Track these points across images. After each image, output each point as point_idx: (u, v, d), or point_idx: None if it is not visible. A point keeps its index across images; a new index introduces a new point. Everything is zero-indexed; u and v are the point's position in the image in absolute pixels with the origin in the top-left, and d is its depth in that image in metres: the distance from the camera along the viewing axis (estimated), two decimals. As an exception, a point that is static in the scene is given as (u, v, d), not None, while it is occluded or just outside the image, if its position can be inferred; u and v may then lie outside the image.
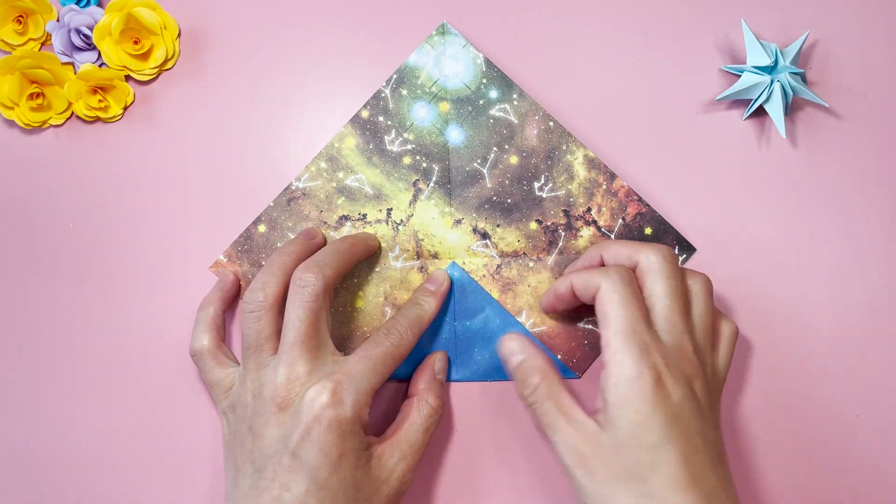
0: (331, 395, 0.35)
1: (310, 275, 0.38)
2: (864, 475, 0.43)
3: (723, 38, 0.46)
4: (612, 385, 0.35)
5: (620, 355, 0.35)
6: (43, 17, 0.45)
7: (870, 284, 0.44)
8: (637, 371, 0.34)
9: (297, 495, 0.35)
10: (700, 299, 0.38)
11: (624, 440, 0.34)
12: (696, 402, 0.35)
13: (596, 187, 0.44)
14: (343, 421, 0.35)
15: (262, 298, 0.38)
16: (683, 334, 0.36)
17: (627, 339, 0.35)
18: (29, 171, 0.45)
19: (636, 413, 0.34)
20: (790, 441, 0.44)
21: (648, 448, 0.34)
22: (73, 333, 0.44)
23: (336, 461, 0.35)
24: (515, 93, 0.44)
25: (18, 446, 0.44)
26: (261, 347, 0.38)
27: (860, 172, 0.45)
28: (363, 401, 0.36)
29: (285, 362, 0.37)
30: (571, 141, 0.44)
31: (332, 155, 0.44)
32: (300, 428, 0.35)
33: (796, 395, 0.44)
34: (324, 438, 0.35)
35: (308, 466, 0.35)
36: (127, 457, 0.44)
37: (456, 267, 0.43)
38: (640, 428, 0.34)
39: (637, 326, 0.35)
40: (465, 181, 0.44)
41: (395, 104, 0.44)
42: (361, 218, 0.44)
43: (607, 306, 0.36)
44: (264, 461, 0.36)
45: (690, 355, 0.36)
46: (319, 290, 0.37)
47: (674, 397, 0.34)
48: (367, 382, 0.37)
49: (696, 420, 0.35)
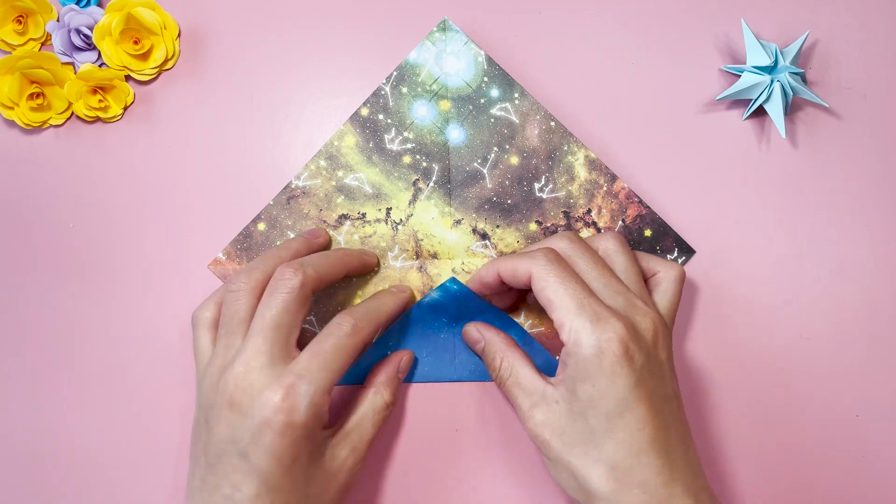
0: (282, 399, 0.34)
1: (290, 270, 0.37)
2: (864, 475, 0.43)
3: (723, 38, 0.45)
4: (572, 362, 0.35)
5: (575, 333, 0.35)
6: (43, 17, 0.45)
7: (870, 284, 0.44)
8: (596, 346, 0.34)
9: (248, 496, 0.34)
10: (618, 255, 0.39)
11: (581, 409, 0.35)
12: (657, 361, 0.36)
13: (596, 189, 0.44)
14: (297, 426, 0.34)
15: (244, 281, 0.38)
16: (628, 293, 0.37)
17: (578, 315, 0.35)
18: (29, 171, 0.45)
19: (594, 387, 0.34)
20: (790, 441, 0.44)
21: (605, 416, 0.34)
22: (73, 332, 0.44)
23: (289, 465, 0.35)
24: (517, 92, 0.44)
25: (18, 446, 0.44)
26: (233, 330, 0.37)
27: (860, 172, 0.45)
28: (319, 401, 0.35)
29: (246, 351, 0.36)
30: (573, 141, 0.44)
31: (332, 153, 0.44)
32: (250, 430, 0.34)
33: (796, 395, 0.44)
34: (276, 444, 0.34)
35: (259, 469, 0.34)
36: (126, 457, 0.44)
37: (455, 282, 0.43)
38: (596, 399, 0.34)
39: (583, 301, 0.35)
40: (465, 181, 0.44)
41: (395, 102, 0.44)
42: (361, 217, 0.44)
43: (547, 290, 0.36)
44: (216, 457, 0.36)
45: (647, 310, 0.36)
46: (296, 286, 0.37)
47: (637, 363, 0.35)
48: (320, 381, 0.35)
49: (656, 380, 0.36)
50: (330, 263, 0.39)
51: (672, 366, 0.37)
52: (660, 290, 0.40)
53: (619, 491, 0.34)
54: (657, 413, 0.35)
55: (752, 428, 0.44)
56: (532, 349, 0.43)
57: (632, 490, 0.34)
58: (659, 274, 0.40)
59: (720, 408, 0.44)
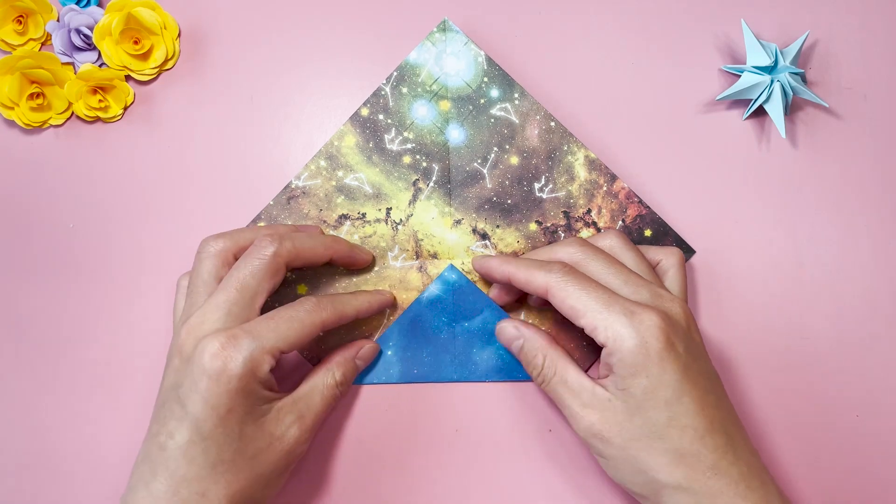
0: (221, 347, 0.34)
1: (267, 240, 0.38)
2: (864, 475, 0.43)
3: (723, 38, 0.45)
4: (618, 361, 0.35)
5: (613, 332, 0.35)
6: (43, 17, 0.45)
7: (870, 284, 0.44)
8: (637, 339, 0.34)
9: (180, 444, 0.34)
10: (625, 252, 0.39)
11: (638, 404, 0.35)
12: (694, 344, 0.36)
13: (596, 189, 0.44)
14: (231, 376, 0.34)
15: (212, 245, 0.38)
16: (648, 284, 0.37)
17: (610, 313, 0.35)
18: (29, 171, 0.45)
19: (647, 378, 0.34)
20: (790, 441, 0.44)
21: (663, 406, 0.34)
22: (73, 332, 0.44)
23: (223, 415, 0.34)
24: (517, 92, 0.44)
25: (17, 446, 0.44)
26: (196, 290, 0.38)
27: (860, 172, 0.45)
28: (259, 358, 0.35)
29: (206, 305, 0.36)
30: (573, 141, 0.44)
31: (332, 153, 0.44)
32: (189, 377, 0.35)
33: (796, 395, 0.44)
34: (211, 391, 0.34)
35: (193, 417, 0.34)
36: (126, 457, 0.44)
37: (454, 270, 0.43)
38: (652, 391, 0.34)
39: (609, 299, 0.35)
40: (465, 181, 0.44)
41: (395, 102, 0.44)
42: (361, 217, 0.44)
43: (569, 300, 0.36)
44: (160, 405, 0.36)
45: (669, 296, 0.37)
46: (268, 255, 0.37)
47: (680, 349, 0.35)
48: (265, 340, 0.35)
49: (701, 362, 0.36)
50: (312, 244, 0.39)
51: (704, 346, 0.38)
52: (668, 278, 0.40)
53: (691, 477, 0.34)
54: (709, 393, 0.35)
55: (752, 427, 0.44)
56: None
57: (704, 473, 0.34)
58: (662, 262, 0.41)
59: (720, 408, 0.44)
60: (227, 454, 0.35)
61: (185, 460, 0.34)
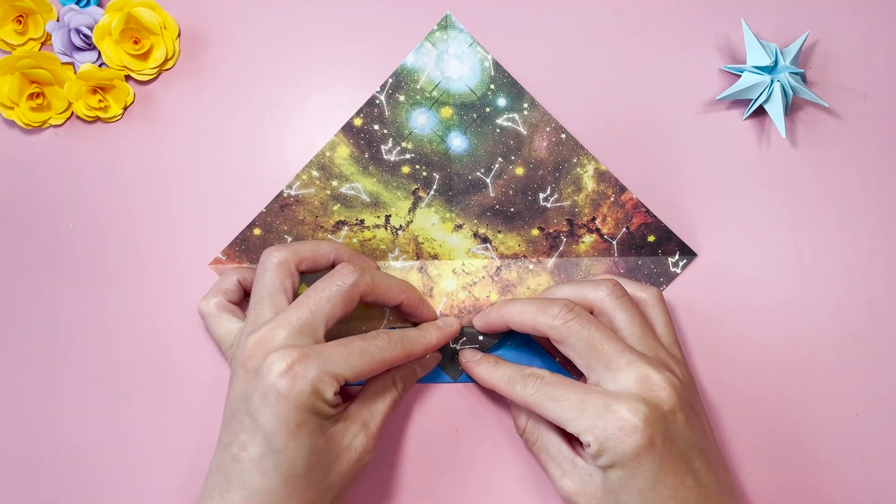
0: (290, 365, 0.34)
1: (349, 269, 0.38)
2: (864, 475, 0.44)
3: (723, 38, 0.45)
4: (595, 449, 0.35)
5: (590, 437, 0.35)
6: (43, 17, 0.45)
7: (870, 284, 0.44)
8: (614, 440, 0.35)
9: (253, 456, 0.35)
10: (657, 310, 0.40)
11: (613, 488, 0.36)
12: (695, 415, 0.37)
13: (603, 199, 0.43)
14: (301, 393, 0.34)
15: (282, 255, 0.38)
16: (664, 349, 0.38)
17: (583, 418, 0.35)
18: (29, 170, 0.45)
19: (623, 470, 0.35)
20: (790, 441, 0.44)
21: (636, 494, 0.35)
22: (72, 332, 0.44)
23: (294, 429, 0.34)
24: (526, 102, 0.42)
25: (17, 446, 0.44)
26: (261, 300, 0.38)
27: (860, 172, 0.45)
28: (326, 381, 0.35)
29: (277, 319, 0.36)
30: (583, 154, 0.43)
31: (324, 164, 0.43)
32: (258, 391, 0.35)
33: (796, 395, 0.44)
34: (281, 405, 0.34)
35: (264, 430, 0.34)
36: (126, 456, 0.44)
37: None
38: (627, 480, 0.35)
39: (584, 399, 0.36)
40: (467, 189, 0.43)
41: (391, 112, 0.43)
42: (359, 223, 0.44)
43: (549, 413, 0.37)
44: (230, 415, 0.36)
45: (682, 366, 0.38)
46: (347, 283, 0.37)
47: (657, 441, 0.35)
48: (334, 366, 0.35)
49: (681, 441, 0.36)
50: (388, 284, 0.39)
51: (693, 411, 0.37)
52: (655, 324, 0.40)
53: None
54: (688, 473, 0.35)
55: (752, 427, 0.44)
56: (530, 349, 0.43)
57: None
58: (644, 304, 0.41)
59: (720, 407, 0.44)
60: (299, 468, 0.35)
61: (259, 472, 0.35)
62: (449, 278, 0.43)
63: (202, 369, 0.44)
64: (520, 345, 0.44)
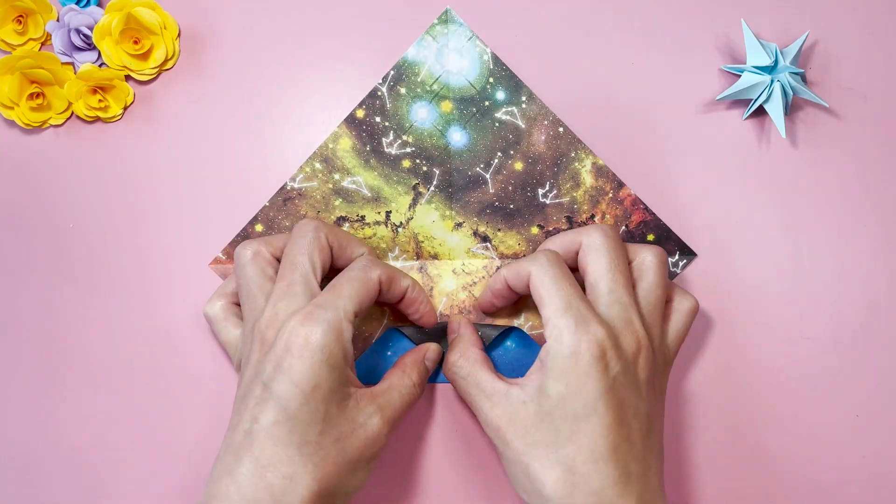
0: (300, 324, 0.34)
1: (368, 261, 0.38)
2: (864, 475, 0.44)
3: (723, 38, 0.45)
4: (550, 360, 0.35)
5: (557, 331, 0.35)
6: (43, 17, 0.45)
7: (870, 284, 0.44)
8: (574, 345, 0.34)
9: (265, 426, 0.34)
10: (651, 272, 0.38)
11: (550, 410, 0.35)
12: (634, 377, 0.36)
13: (602, 195, 0.43)
14: (315, 349, 0.34)
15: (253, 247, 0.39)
16: (629, 307, 0.36)
17: (564, 314, 0.35)
18: (29, 171, 0.45)
19: (566, 386, 0.34)
20: (790, 440, 0.44)
21: (571, 418, 0.34)
22: (72, 332, 0.44)
23: (308, 392, 0.34)
24: (524, 95, 0.43)
25: (17, 446, 0.44)
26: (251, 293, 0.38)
27: (860, 172, 0.45)
28: (337, 325, 0.35)
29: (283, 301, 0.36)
30: (581, 148, 0.43)
31: (327, 156, 0.44)
32: (273, 361, 0.34)
33: (796, 395, 0.44)
34: (295, 368, 0.34)
35: (278, 396, 0.34)
36: (126, 457, 0.44)
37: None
38: (567, 399, 0.34)
39: (572, 301, 0.35)
40: (467, 185, 0.43)
41: (392, 104, 0.43)
42: (360, 220, 0.44)
43: (541, 288, 0.36)
44: (241, 399, 0.36)
45: (637, 328, 0.36)
46: (374, 278, 0.37)
47: (611, 371, 0.34)
48: (338, 307, 0.35)
49: (631, 394, 0.35)
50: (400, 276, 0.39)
51: (653, 389, 0.37)
52: (671, 322, 0.39)
53: (572, 495, 0.34)
54: (624, 425, 0.35)
55: (752, 427, 0.44)
56: (530, 350, 0.44)
57: (585, 497, 0.34)
58: (673, 303, 0.40)
59: (720, 407, 0.44)
60: (312, 435, 0.34)
61: (271, 441, 0.34)
62: (449, 278, 0.44)
63: (202, 369, 0.44)
64: (520, 345, 0.44)
